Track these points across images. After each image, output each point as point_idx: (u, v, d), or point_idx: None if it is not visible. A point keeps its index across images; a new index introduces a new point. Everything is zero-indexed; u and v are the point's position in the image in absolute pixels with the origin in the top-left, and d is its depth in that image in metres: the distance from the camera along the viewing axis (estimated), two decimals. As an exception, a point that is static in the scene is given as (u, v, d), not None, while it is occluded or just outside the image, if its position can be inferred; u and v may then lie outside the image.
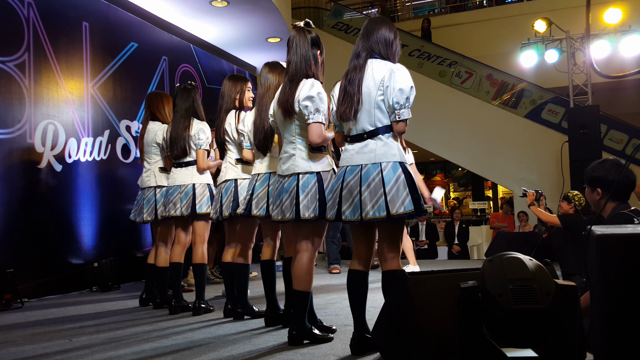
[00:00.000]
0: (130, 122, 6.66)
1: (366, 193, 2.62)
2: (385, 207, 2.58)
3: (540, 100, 10.63)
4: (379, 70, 2.68)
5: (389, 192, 2.59)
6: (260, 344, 3.06)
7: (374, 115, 2.68)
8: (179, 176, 4.25)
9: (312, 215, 2.91)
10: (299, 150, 3.01)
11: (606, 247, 1.46)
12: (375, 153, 2.66)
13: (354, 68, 2.75)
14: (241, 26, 7.80)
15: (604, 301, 1.45)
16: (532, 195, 5.32)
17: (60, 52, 5.72)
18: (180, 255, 4.31)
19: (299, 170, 2.97)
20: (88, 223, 5.94)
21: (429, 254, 10.50)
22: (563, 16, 9.43)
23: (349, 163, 2.73)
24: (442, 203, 13.45)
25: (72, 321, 4.03)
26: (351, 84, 2.71)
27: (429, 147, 11.24)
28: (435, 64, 11.29)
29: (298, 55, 3.03)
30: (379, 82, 2.65)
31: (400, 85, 2.63)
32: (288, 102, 2.99)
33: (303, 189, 2.94)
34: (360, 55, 2.76)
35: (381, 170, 2.63)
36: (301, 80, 3.01)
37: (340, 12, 12.47)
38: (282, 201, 3.03)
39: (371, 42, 2.76)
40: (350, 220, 2.68)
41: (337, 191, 2.73)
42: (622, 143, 10.10)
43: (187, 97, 4.28)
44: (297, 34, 3.07)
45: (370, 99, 2.67)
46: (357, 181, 2.66)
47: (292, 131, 3.03)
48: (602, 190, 2.87)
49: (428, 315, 2.23)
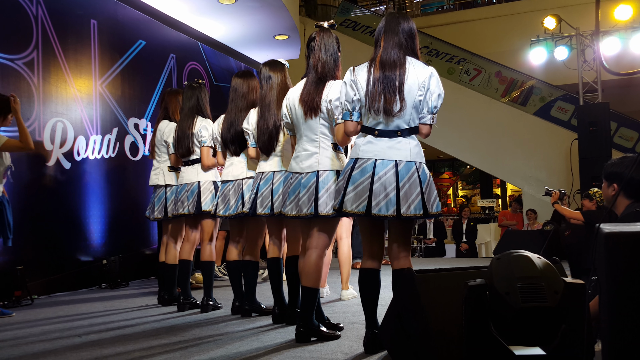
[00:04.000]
0: (139, 120, 6.68)
1: (404, 190, 2.60)
2: (423, 205, 2.61)
3: (550, 98, 10.57)
4: (421, 71, 2.68)
5: (425, 192, 2.63)
6: (268, 341, 3.06)
7: (411, 115, 2.67)
8: (186, 174, 4.26)
9: (331, 212, 2.90)
10: (322, 149, 3.00)
11: (614, 245, 1.44)
12: (411, 151, 2.66)
13: (392, 63, 2.67)
14: (249, 23, 7.80)
15: (612, 300, 1.44)
16: (556, 195, 5.61)
17: (69, 50, 5.75)
18: (190, 253, 4.32)
19: (322, 167, 2.97)
20: (96, 220, 5.97)
21: (436, 251, 10.49)
22: (573, 13, 9.37)
23: (379, 156, 2.65)
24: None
25: (82, 318, 4.06)
26: (392, 80, 2.64)
27: (437, 145, 11.20)
28: (443, 61, 11.26)
29: (329, 56, 3.04)
30: (421, 83, 2.65)
31: (440, 91, 2.68)
32: (315, 101, 2.99)
33: (323, 185, 2.93)
34: (395, 51, 2.70)
35: (417, 169, 2.65)
36: (328, 81, 3.02)
37: (349, 9, 12.45)
38: (297, 196, 3.02)
39: (401, 37, 2.73)
40: (384, 215, 2.61)
41: (365, 184, 2.63)
42: (632, 141, 10.02)
43: (191, 96, 4.27)
44: (324, 34, 3.08)
45: (410, 98, 2.65)
46: (392, 176, 2.62)
47: (315, 130, 3.02)
48: (618, 186, 2.84)
49: (435, 314, 2.22)
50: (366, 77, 2.70)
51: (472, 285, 1.96)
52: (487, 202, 14.67)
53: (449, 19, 12.75)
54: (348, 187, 2.67)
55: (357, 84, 2.72)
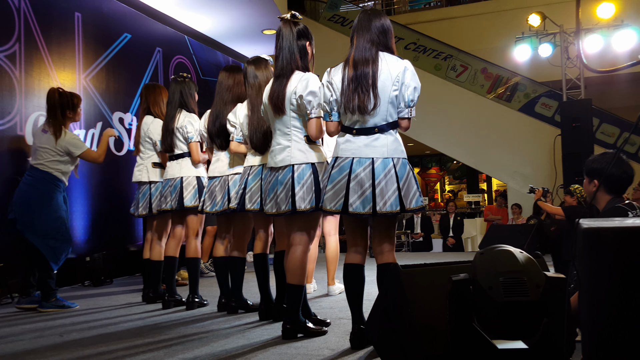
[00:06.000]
0: (124, 114, 6.62)
1: (380, 187, 2.62)
2: (400, 201, 2.61)
3: (534, 94, 10.66)
4: (394, 65, 2.67)
5: (403, 187, 2.63)
6: (254, 338, 3.06)
7: (387, 111, 2.67)
8: (170, 169, 4.23)
9: (308, 207, 2.90)
10: (294, 142, 2.99)
11: (593, 240, 1.46)
12: (388, 148, 2.66)
13: (364, 60, 2.68)
14: (236, 18, 7.76)
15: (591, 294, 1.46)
16: (539, 192, 5.85)
17: (52, 43, 5.67)
18: (175, 249, 4.28)
19: (295, 161, 2.95)
20: (80, 217, 5.92)
21: (424, 246, 10.55)
22: (557, 10, 9.44)
23: (356, 155, 2.68)
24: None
25: (63, 316, 4.02)
26: (364, 77, 2.66)
27: (425, 140, 11.27)
28: (430, 57, 11.30)
29: (284, 49, 3.03)
30: (395, 78, 2.65)
31: (415, 84, 2.68)
32: (279, 98, 2.99)
33: (299, 180, 2.93)
34: (367, 48, 2.70)
35: (394, 165, 2.65)
36: (291, 74, 3.00)
37: (337, 4, 12.43)
38: (276, 194, 3.01)
39: (373, 34, 2.73)
40: (359, 212, 2.65)
41: (342, 182, 2.69)
42: (614, 137, 10.14)
43: (174, 90, 4.24)
44: (283, 27, 3.06)
45: (384, 94, 2.66)
46: (368, 174, 2.64)
47: (287, 123, 3.01)
48: (599, 182, 2.88)
49: (421, 308, 2.24)
50: (341, 77, 2.73)
51: (456, 280, 1.97)
52: (474, 196, 14.79)
53: (436, 16, 12.79)
54: (327, 186, 2.74)
55: (333, 85, 2.75)
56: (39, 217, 4.23)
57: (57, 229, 4.27)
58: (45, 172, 4.28)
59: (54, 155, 4.30)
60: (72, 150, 4.34)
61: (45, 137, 4.33)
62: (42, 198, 4.25)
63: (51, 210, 4.26)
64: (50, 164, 4.29)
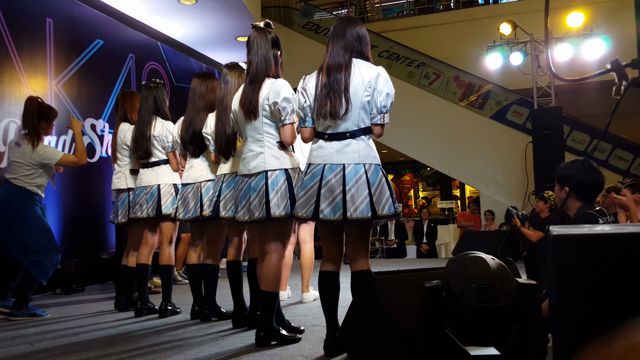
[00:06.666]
0: (96, 120, 6.53)
1: (351, 193, 2.61)
2: (371, 208, 2.61)
3: (506, 102, 10.84)
4: (367, 71, 2.68)
5: (374, 194, 2.62)
6: (228, 346, 3.04)
7: (359, 116, 2.68)
8: (145, 177, 4.18)
9: (283, 213, 2.90)
10: (267, 148, 2.99)
11: (562, 247, 1.49)
12: (359, 154, 2.66)
13: (337, 66, 2.70)
14: (210, 24, 7.73)
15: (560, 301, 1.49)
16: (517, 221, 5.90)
17: (23, 49, 5.57)
18: (148, 257, 4.24)
19: (268, 167, 2.95)
20: (52, 224, 5.75)
21: (398, 252, 10.61)
22: (528, 19, 9.63)
23: (327, 161, 2.69)
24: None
25: (34, 325, 3.94)
26: (337, 82, 2.67)
27: (398, 147, 11.35)
28: (404, 65, 11.41)
29: (259, 56, 3.04)
30: (367, 84, 2.66)
31: (388, 90, 2.68)
32: (252, 103, 2.98)
33: (272, 186, 2.92)
34: (340, 54, 2.72)
35: (366, 172, 2.64)
36: (264, 81, 3.01)
37: (311, 12, 12.48)
38: (249, 201, 3.00)
39: (348, 41, 2.74)
40: (330, 219, 2.65)
41: (313, 189, 2.69)
42: (584, 144, 10.36)
43: (148, 96, 4.20)
44: (257, 35, 3.07)
45: (356, 99, 2.67)
46: (339, 180, 2.64)
47: (259, 129, 3.01)
48: (570, 188, 2.92)
49: (394, 315, 2.25)
50: (315, 84, 2.75)
51: (428, 287, 1.99)
52: (447, 203, 14.93)
53: (409, 24, 12.92)
54: (300, 193, 2.75)
55: (307, 91, 2.77)
56: (17, 233, 4.15)
57: (38, 242, 4.18)
58: (19, 187, 4.18)
59: (28, 170, 4.20)
60: (46, 162, 4.24)
61: (19, 150, 4.23)
62: (18, 213, 4.16)
63: (29, 223, 4.18)
64: (24, 179, 4.20)
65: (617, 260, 1.46)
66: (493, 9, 12.22)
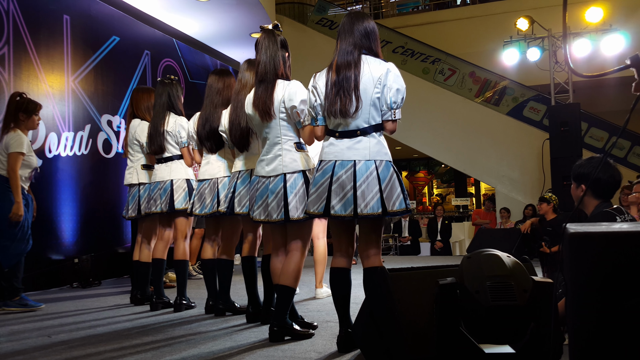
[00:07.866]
0: (112, 116, 6.59)
1: (362, 189, 2.60)
2: (382, 204, 2.59)
3: (522, 98, 10.73)
4: (376, 68, 2.67)
5: (385, 190, 2.61)
6: (241, 340, 3.05)
7: (369, 113, 2.67)
8: (159, 172, 4.22)
9: (302, 216, 2.91)
10: (285, 150, 3.00)
11: (579, 245, 1.47)
12: (370, 150, 2.65)
13: (346, 64, 2.69)
14: (224, 21, 7.76)
15: (576, 299, 1.47)
16: (547, 249, 5.53)
17: (41, 46, 5.64)
18: (163, 252, 4.28)
19: (287, 170, 2.96)
20: (68, 218, 5.88)
21: (411, 250, 10.56)
22: (545, 14, 9.51)
23: (338, 157, 2.69)
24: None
25: (52, 318, 3.99)
26: (347, 80, 2.66)
27: (413, 144, 11.29)
28: (418, 61, 11.34)
29: (267, 56, 3.05)
30: (377, 80, 2.65)
31: (398, 86, 2.66)
32: (266, 104, 2.99)
33: (291, 189, 2.93)
34: (349, 51, 2.71)
35: (376, 168, 2.63)
36: (274, 81, 3.02)
37: (325, 8, 12.45)
38: (265, 201, 3.01)
39: (356, 37, 2.73)
40: (341, 215, 2.65)
41: (324, 185, 2.69)
42: (602, 141, 10.23)
43: (162, 92, 4.22)
44: (266, 36, 3.08)
45: (366, 96, 2.65)
46: (350, 176, 2.63)
47: (277, 132, 3.01)
48: (586, 186, 2.88)
49: (407, 312, 2.25)
50: (325, 82, 2.75)
51: (443, 284, 1.98)
52: (462, 200, 14.83)
53: (424, 19, 12.84)
54: (312, 189, 2.76)
55: (318, 89, 2.77)
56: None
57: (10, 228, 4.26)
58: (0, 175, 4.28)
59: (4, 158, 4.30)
60: (9, 147, 4.25)
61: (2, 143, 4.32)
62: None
63: (5, 211, 4.23)
64: (2, 167, 4.29)
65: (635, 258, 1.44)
66: (510, 3, 12.07)
